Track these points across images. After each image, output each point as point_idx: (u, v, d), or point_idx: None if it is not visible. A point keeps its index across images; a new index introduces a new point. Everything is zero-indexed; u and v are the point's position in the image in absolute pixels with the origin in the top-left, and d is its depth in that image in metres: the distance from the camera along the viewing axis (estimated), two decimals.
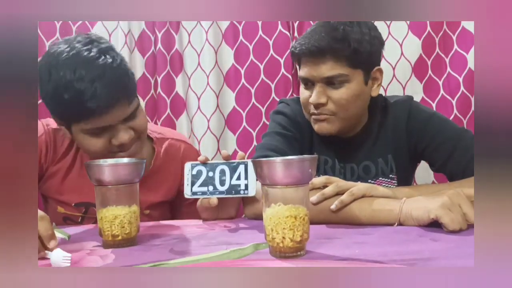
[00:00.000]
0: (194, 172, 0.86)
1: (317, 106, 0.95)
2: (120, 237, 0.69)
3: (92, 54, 0.84)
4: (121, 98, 0.87)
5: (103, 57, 0.85)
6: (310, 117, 0.99)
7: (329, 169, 1.02)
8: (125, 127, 0.89)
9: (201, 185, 0.86)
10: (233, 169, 0.85)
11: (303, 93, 0.98)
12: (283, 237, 0.58)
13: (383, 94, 1.70)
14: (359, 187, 0.80)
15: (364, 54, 0.92)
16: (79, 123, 0.86)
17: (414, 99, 1.78)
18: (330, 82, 0.93)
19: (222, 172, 0.85)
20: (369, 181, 1.01)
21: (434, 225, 0.70)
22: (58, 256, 0.62)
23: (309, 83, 0.96)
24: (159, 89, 1.74)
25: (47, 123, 1.01)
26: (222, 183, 0.85)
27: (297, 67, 1.01)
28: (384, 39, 1.70)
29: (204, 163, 0.87)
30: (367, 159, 1.03)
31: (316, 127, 0.98)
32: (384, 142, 1.02)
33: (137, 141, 0.94)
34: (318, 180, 0.83)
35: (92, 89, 0.81)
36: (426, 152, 1.01)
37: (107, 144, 0.89)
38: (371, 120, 1.04)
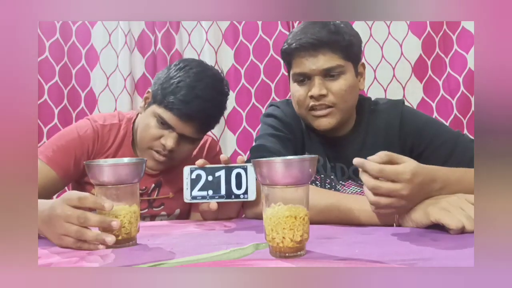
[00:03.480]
0: (194, 176, 0.86)
1: (319, 98, 0.96)
2: (120, 237, 0.69)
3: (220, 84, 1.05)
4: (202, 124, 1.03)
5: (225, 90, 1.06)
6: (308, 114, 0.99)
7: (320, 168, 1.03)
8: (176, 138, 1.01)
9: (200, 189, 0.85)
10: (233, 174, 0.85)
11: (298, 90, 0.99)
12: (283, 237, 0.58)
13: (372, 97, 1.71)
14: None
15: (355, 47, 0.98)
16: (161, 107, 1.00)
17: (414, 99, 1.79)
18: (328, 74, 0.96)
19: (222, 177, 0.85)
20: (359, 182, 1.02)
21: (434, 225, 0.70)
22: None
23: (306, 79, 0.98)
24: None
25: (94, 119, 1.11)
26: (221, 187, 0.85)
27: (287, 66, 1.03)
28: (384, 39, 1.73)
29: (203, 168, 0.86)
30: None
31: (316, 123, 0.99)
32: (373, 146, 1.02)
33: (168, 161, 1.05)
34: (374, 168, 0.69)
35: (195, 99, 0.98)
36: (423, 155, 1.02)
37: (157, 137, 1.02)
38: (358, 121, 1.06)
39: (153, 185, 1.12)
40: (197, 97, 0.98)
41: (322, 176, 1.03)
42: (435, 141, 1.00)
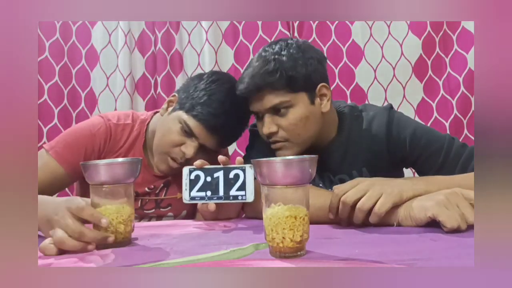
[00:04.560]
0: (192, 177, 0.86)
1: (269, 135, 0.97)
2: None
3: (246, 102, 1.00)
4: (225, 138, 1.03)
5: (249, 108, 1.01)
6: (271, 145, 1.00)
7: None
8: (196, 147, 1.00)
9: (199, 190, 0.85)
10: (231, 174, 0.85)
11: (258, 126, 1.01)
12: (283, 237, 0.58)
13: (369, 100, 1.72)
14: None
15: (301, 78, 0.94)
16: (188, 114, 1.00)
17: (414, 99, 1.78)
18: (276, 110, 0.95)
19: (220, 177, 0.85)
20: None
21: (434, 225, 0.70)
22: None
23: (260, 115, 0.99)
24: (159, 89, 1.74)
25: (107, 118, 1.09)
26: (220, 188, 0.85)
27: None
28: (384, 39, 1.73)
29: (202, 168, 0.86)
30: (341, 172, 1.03)
31: (276, 155, 0.99)
32: (357, 155, 1.03)
33: (180, 169, 1.01)
34: (350, 196, 0.76)
35: (223, 114, 0.98)
36: (417, 165, 1.03)
37: (178, 143, 1.01)
38: (339, 130, 1.04)
39: (161, 184, 1.12)
40: (226, 113, 0.99)
41: (311, 184, 1.03)
42: (427, 150, 0.99)
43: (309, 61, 0.96)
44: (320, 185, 1.04)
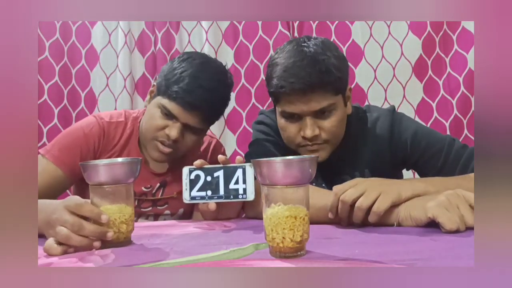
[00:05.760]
0: (192, 176, 0.86)
1: (312, 138, 0.93)
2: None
3: (223, 76, 1.04)
4: (205, 114, 1.02)
5: (229, 82, 1.06)
6: (298, 148, 0.97)
7: None
8: (180, 128, 1.00)
9: (199, 190, 0.85)
10: (231, 174, 0.85)
11: (288, 127, 0.96)
12: (283, 237, 0.58)
13: (369, 101, 1.72)
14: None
15: (343, 80, 0.94)
16: (164, 97, 1.00)
17: (414, 99, 1.78)
18: (320, 113, 0.93)
19: (220, 177, 0.85)
20: None
21: (434, 225, 0.70)
22: None
23: (296, 116, 0.94)
24: None
25: (100, 117, 1.09)
26: (220, 187, 0.85)
27: (273, 100, 0.98)
28: (384, 39, 1.73)
29: (202, 168, 0.86)
30: (344, 173, 1.03)
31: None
32: (361, 157, 1.03)
33: (173, 153, 1.03)
34: (349, 195, 0.75)
35: (198, 89, 0.98)
36: (418, 166, 1.03)
37: (162, 127, 1.01)
38: (347, 134, 1.03)
39: (158, 184, 1.12)
40: (200, 87, 0.98)
41: (314, 184, 1.03)
42: (427, 151, 1.00)
43: (343, 61, 0.95)
44: (323, 185, 1.04)
